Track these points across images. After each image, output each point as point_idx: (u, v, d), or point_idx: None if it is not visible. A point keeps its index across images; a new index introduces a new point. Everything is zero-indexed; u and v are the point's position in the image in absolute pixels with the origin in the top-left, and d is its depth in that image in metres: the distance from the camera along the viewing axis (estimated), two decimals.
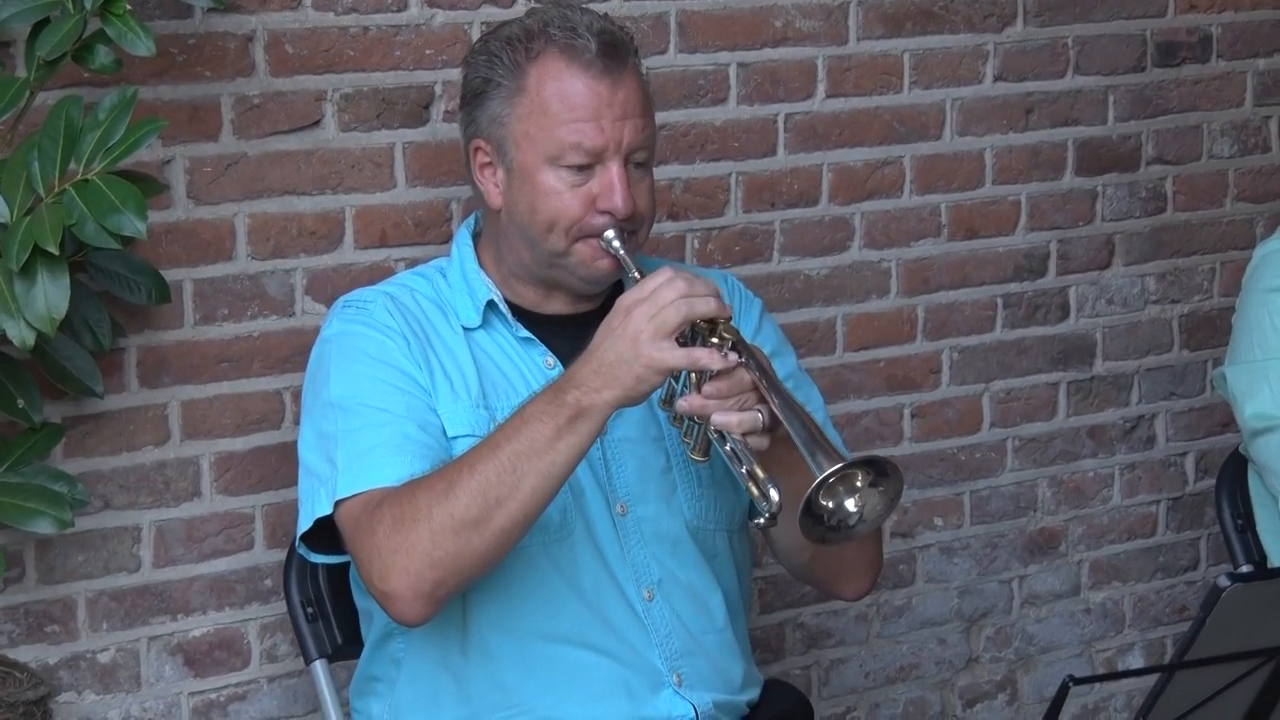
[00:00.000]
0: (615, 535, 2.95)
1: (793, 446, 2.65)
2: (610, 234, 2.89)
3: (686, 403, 2.73)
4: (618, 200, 2.88)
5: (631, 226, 2.92)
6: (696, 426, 2.78)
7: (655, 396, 2.82)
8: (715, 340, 2.71)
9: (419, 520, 2.71)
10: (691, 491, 3.01)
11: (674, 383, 2.80)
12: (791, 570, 3.13)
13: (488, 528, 2.70)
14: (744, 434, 2.70)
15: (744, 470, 2.71)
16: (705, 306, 2.70)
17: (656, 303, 2.68)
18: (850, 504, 2.62)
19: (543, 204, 2.90)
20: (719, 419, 2.70)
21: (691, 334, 2.72)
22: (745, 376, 2.71)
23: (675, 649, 2.96)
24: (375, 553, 2.74)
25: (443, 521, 2.69)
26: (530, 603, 2.90)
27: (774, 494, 2.67)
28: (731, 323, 2.74)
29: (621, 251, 2.89)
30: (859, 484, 2.62)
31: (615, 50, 2.91)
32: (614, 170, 2.89)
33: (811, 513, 2.59)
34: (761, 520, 2.70)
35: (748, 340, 2.77)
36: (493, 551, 2.72)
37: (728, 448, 2.73)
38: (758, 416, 2.70)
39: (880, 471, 2.61)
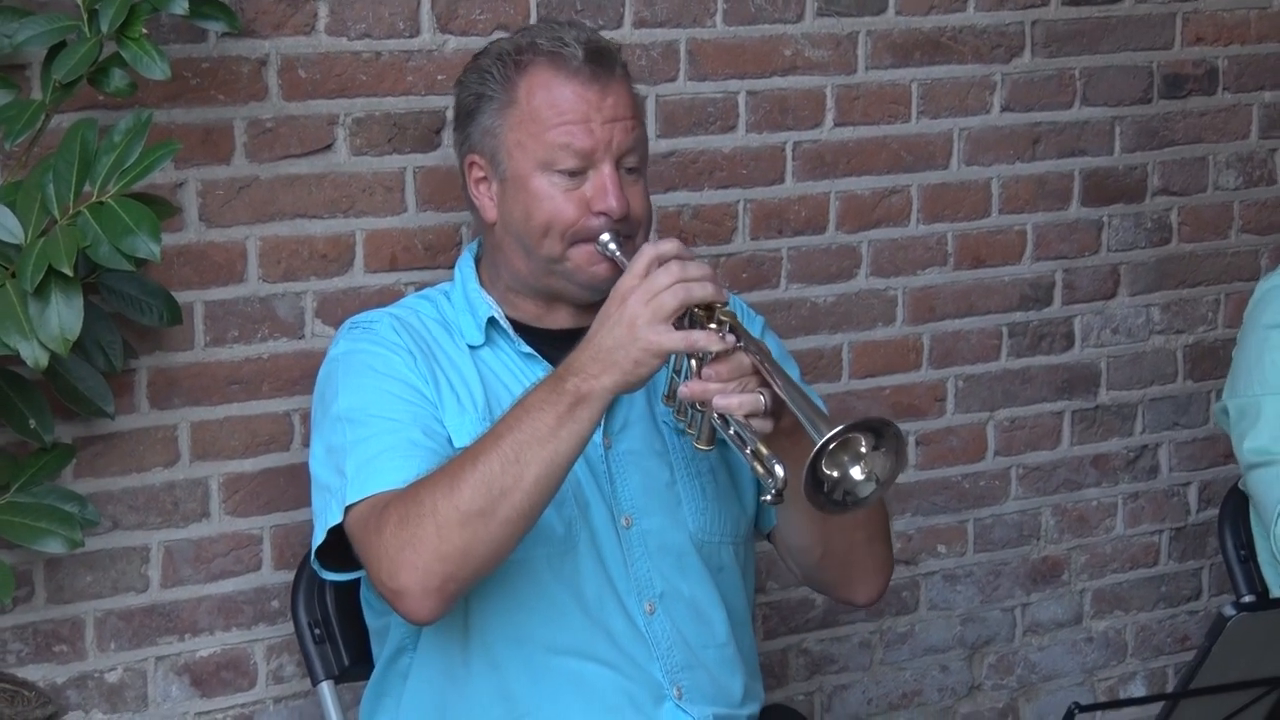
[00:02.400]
0: (619, 548, 2.96)
1: (798, 439, 2.63)
2: (606, 237, 2.90)
3: (688, 388, 2.72)
4: (611, 200, 2.89)
5: (627, 230, 2.93)
6: (699, 415, 2.77)
7: (660, 406, 2.84)
8: (713, 325, 2.71)
9: (425, 515, 2.70)
10: (696, 505, 3.02)
11: (675, 376, 2.80)
12: (803, 573, 3.11)
13: (494, 519, 2.69)
14: (746, 416, 2.69)
15: (748, 451, 2.69)
16: (702, 291, 2.69)
17: (652, 288, 2.68)
18: (856, 471, 2.60)
19: (537, 209, 2.92)
20: (720, 402, 2.69)
21: (690, 320, 2.72)
22: (745, 359, 2.71)
23: (676, 662, 2.97)
24: (383, 550, 2.74)
25: (448, 515, 2.69)
26: (535, 614, 2.90)
27: (779, 470, 2.65)
28: (728, 307, 2.74)
29: (618, 254, 2.89)
30: (863, 450, 2.60)
31: (601, 57, 2.93)
32: (606, 172, 2.90)
33: (817, 479, 2.58)
34: (769, 497, 2.67)
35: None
36: (500, 543, 2.72)
37: (731, 431, 2.72)
38: (760, 398, 2.69)
39: (879, 434, 2.60)
